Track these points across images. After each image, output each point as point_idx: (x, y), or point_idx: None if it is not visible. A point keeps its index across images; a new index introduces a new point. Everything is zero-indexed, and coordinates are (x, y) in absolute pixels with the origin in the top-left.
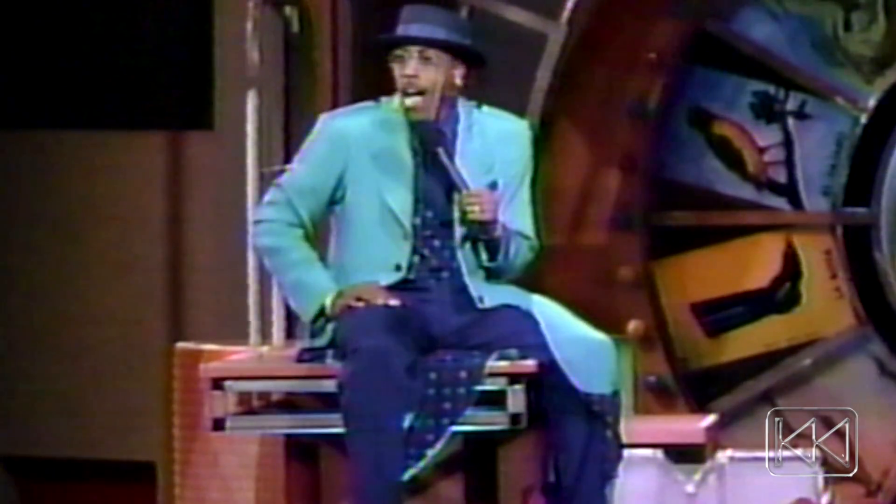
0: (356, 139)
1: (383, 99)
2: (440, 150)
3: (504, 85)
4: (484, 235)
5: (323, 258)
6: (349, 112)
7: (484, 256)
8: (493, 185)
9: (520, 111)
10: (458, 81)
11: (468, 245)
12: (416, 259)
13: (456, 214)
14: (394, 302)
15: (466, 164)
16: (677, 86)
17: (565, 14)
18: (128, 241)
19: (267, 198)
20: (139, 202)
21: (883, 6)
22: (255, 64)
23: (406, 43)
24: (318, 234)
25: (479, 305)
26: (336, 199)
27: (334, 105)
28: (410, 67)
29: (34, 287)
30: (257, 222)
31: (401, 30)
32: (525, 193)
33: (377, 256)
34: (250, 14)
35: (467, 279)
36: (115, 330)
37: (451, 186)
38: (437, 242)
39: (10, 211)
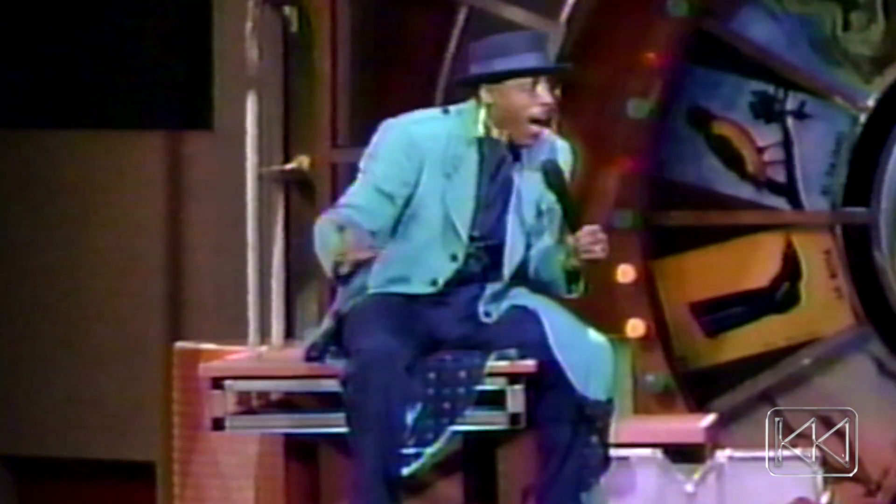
0: (431, 148)
1: (451, 109)
2: (566, 188)
3: None
4: (577, 270)
5: None
6: (422, 119)
7: (563, 286)
8: (539, 214)
9: None
10: None
11: (553, 271)
12: (453, 277)
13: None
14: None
15: (532, 183)
16: (677, 85)
17: (564, 14)
18: (127, 241)
19: (343, 200)
20: (139, 202)
21: (882, 6)
22: (255, 64)
23: (541, 73)
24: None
25: (485, 320)
26: (405, 204)
27: (333, 105)
28: (548, 96)
29: (34, 287)
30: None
31: (534, 60)
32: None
33: (421, 267)
34: (250, 14)
35: (483, 298)
36: (114, 329)
37: (503, 212)
38: (473, 263)
39: (10, 211)
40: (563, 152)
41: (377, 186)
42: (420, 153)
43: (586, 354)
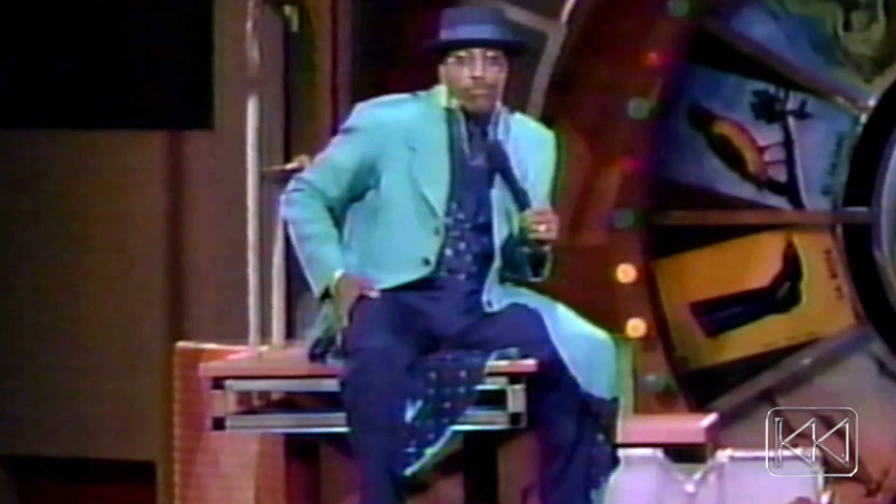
0: (395, 128)
1: (420, 93)
2: (510, 167)
3: (504, 84)
4: (537, 252)
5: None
6: (389, 102)
7: (528, 270)
8: (521, 207)
9: (520, 110)
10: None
11: (517, 256)
12: (442, 257)
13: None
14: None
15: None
16: (677, 85)
17: (565, 14)
18: (128, 241)
19: (301, 173)
20: (139, 202)
21: (883, 6)
22: (255, 64)
23: (476, 45)
24: (343, 217)
25: (487, 309)
26: (370, 185)
27: (334, 105)
28: (478, 68)
29: (34, 287)
30: (288, 192)
31: (463, 31)
32: (548, 202)
33: (407, 248)
34: (250, 14)
35: (486, 284)
36: (115, 329)
37: (486, 192)
38: (462, 245)
39: (11, 211)
40: (545, 144)
41: (332, 162)
42: (384, 131)
43: (589, 351)
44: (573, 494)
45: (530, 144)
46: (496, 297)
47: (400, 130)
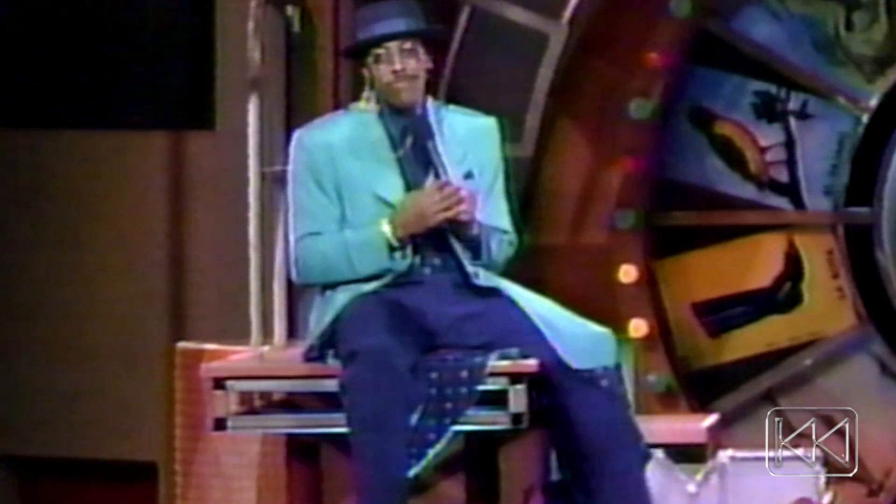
0: (338, 146)
1: (351, 105)
2: (432, 142)
3: (505, 85)
4: (463, 235)
5: None
6: (323, 122)
7: (468, 255)
8: (468, 175)
9: (521, 111)
10: (429, 68)
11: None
12: (413, 246)
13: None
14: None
15: (450, 148)
16: (679, 85)
17: (567, 14)
18: (128, 241)
19: (293, 235)
20: (140, 202)
21: (884, 6)
22: (257, 64)
23: (386, 40)
24: None
25: (475, 281)
26: (342, 206)
27: (336, 105)
28: (397, 62)
29: (34, 287)
30: (296, 242)
31: (377, 28)
32: (500, 189)
33: None
34: (252, 14)
35: (462, 258)
36: (115, 330)
37: (437, 177)
38: (432, 237)
39: (10, 211)
40: (486, 132)
41: (306, 208)
42: (330, 156)
43: (579, 332)
44: (628, 474)
45: (469, 134)
46: (482, 272)
47: (343, 145)
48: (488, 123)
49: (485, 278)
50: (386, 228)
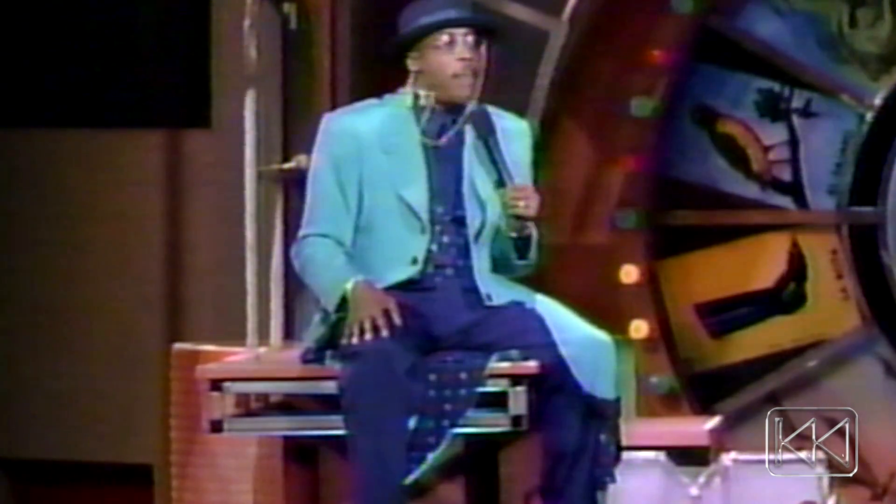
0: (367, 136)
1: (386, 96)
2: (493, 137)
3: (506, 82)
4: (521, 232)
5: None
6: (355, 110)
7: (514, 254)
8: (500, 183)
9: (522, 109)
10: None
11: (500, 241)
12: (429, 253)
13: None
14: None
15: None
16: (681, 84)
17: (567, 11)
18: (125, 240)
19: (305, 228)
20: (137, 201)
21: (889, 3)
22: (254, 62)
23: (464, 23)
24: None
25: (488, 303)
26: (361, 202)
27: (333, 103)
28: (466, 51)
29: (33, 287)
30: (301, 238)
31: (443, 14)
32: None
33: (395, 250)
34: (249, 11)
35: (477, 276)
36: (111, 330)
37: (459, 182)
38: (446, 238)
39: (10, 211)
40: (521, 134)
41: (330, 203)
42: (357, 145)
43: (591, 353)
44: (579, 497)
45: (504, 135)
46: (495, 290)
47: (373, 137)
48: (523, 126)
49: (497, 296)
50: (349, 286)
